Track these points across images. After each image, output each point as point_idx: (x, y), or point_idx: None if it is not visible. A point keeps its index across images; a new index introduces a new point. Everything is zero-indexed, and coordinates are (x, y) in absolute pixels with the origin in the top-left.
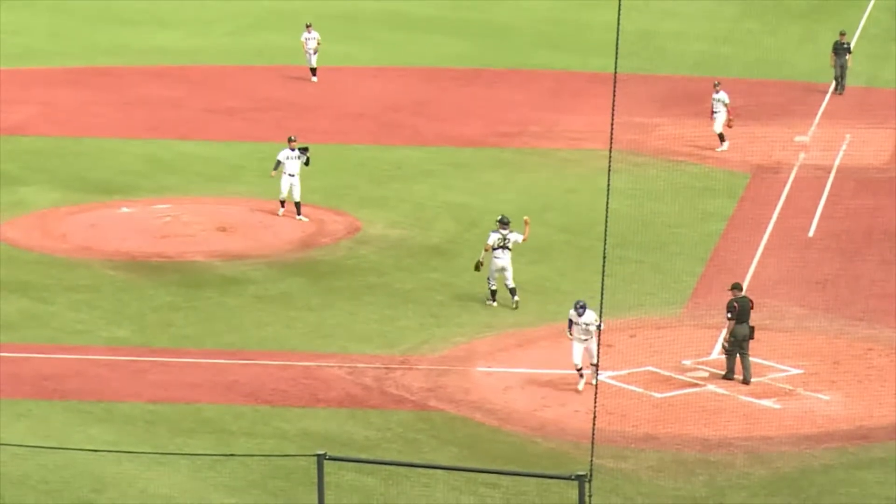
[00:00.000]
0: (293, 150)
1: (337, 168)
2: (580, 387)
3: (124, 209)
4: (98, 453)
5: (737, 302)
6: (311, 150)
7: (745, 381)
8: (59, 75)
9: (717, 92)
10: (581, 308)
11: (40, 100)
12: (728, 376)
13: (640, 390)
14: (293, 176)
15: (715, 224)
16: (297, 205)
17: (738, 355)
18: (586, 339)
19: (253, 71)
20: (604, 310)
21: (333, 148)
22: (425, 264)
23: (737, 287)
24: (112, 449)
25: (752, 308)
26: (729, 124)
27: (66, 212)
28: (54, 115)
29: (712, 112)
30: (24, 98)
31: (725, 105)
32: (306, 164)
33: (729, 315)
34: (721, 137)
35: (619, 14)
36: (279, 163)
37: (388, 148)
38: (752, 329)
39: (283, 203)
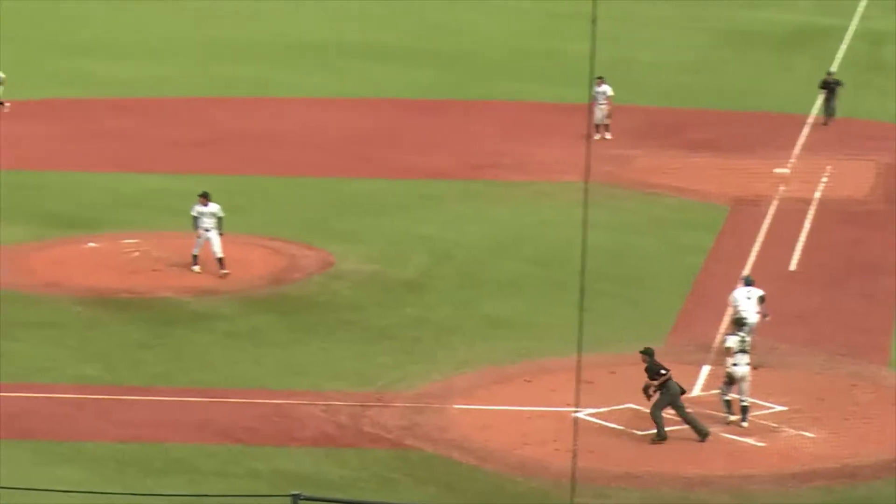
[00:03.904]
0: (205, 205)
1: (308, 201)
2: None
3: (91, 244)
4: (68, 494)
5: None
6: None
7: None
8: (19, 108)
9: (600, 86)
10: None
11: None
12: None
13: (621, 428)
14: (208, 231)
15: (694, 257)
16: (220, 260)
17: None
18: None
19: (218, 102)
20: (582, 345)
21: (303, 181)
22: (400, 299)
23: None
24: (80, 490)
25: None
26: (609, 116)
27: (30, 247)
28: (15, 149)
29: (595, 104)
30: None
31: (608, 97)
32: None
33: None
34: (602, 128)
35: (593, 44)
36: (194, 219)
37: (359, 181)
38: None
39: (195, 259)
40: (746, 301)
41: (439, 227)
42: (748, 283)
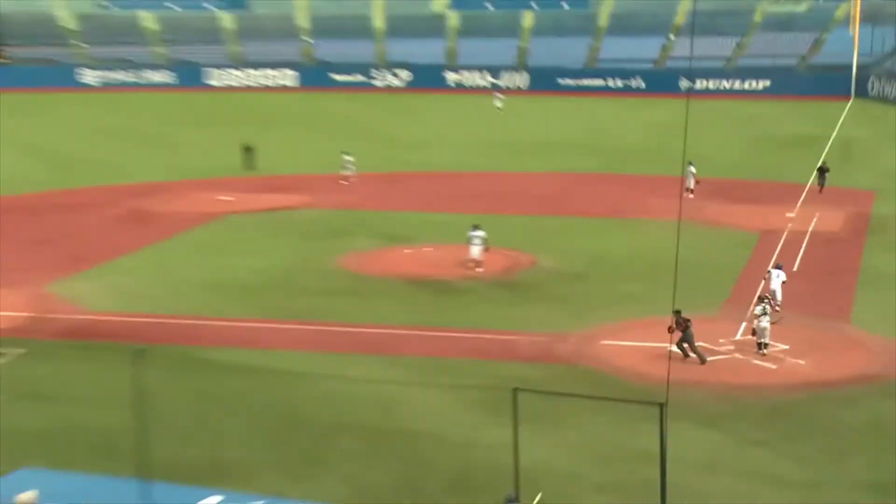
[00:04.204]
0: (474, 230)
1: (523, 229)
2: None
3: (407, 250)
4: (388, 384)
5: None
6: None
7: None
8: (369, 178)
9: (690, 166)
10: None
11: (364, 188)
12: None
13: (693, 356)
14: (475, 245)
15: (739, 262)
16: (478, 261)
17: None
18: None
19: (478, 174)
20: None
21: (523, 218)
22: (572, 283)
23: (678, 312)
24: (398, 381)
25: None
26: (697, 181)
27: (376, 252)
28: (367, 199)
29: (686, 176)
30: (351, 189)
31: (694, 173)
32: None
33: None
34: (688, 191)
35: (685, 142)
36: (468, 238)
37: (551, 217)
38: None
39: (470, 260)
40: (775, 277)
41: (595, 243)
42: (778, 266)
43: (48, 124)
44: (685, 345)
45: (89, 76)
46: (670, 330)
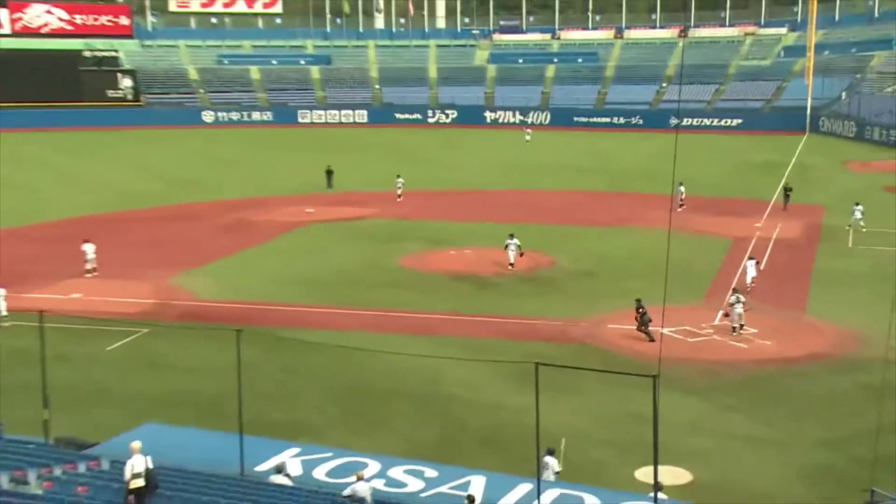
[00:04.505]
0: (511, 238)
1: (544, 235)
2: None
3: (451, 251)
4: (435, 359)
5: (643, 307)
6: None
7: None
8: (415, 195)
9: (680, 185)
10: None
11: (417, 202)
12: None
13: (681, 337)
14: (511, 249)
15: (717, 263)
16: (511, 264)
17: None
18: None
19: (504, 192)
20: (666, 299)
21: (544, 226)
22: (582, 280)
23: (639, 300)
24: (443, 357)
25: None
26: (683, 198)
27: (424, 253)
28: (416, 210)
29: (677, 195)
30: (406, 203)
31: (682, 191)
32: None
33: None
34: (677, 205)
35: (674, 166)
36: (506, 244)
37: (566, 226)
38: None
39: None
40: (751, 266)
41: (601, 246)
42: (752, 258)
43: (172, 153)
44: (642, 327)
45: (208, 116)
46: (636, 319)
